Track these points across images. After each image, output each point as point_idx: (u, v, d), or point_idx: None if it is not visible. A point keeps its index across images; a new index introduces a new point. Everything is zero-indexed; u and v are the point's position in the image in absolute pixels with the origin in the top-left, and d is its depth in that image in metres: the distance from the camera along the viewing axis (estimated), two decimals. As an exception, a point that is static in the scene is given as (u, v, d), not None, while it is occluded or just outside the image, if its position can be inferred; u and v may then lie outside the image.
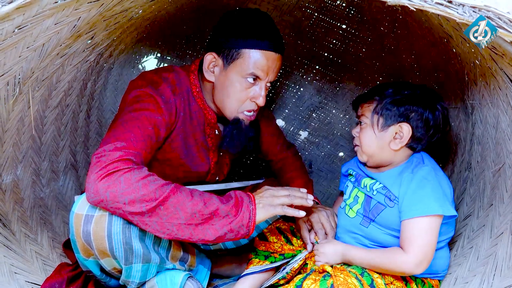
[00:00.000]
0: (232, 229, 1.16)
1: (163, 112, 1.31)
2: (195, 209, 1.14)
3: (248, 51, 1.33)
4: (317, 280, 1.14)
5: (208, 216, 1.15)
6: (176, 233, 1.14)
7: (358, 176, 1.42)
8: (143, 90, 1.32)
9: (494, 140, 1.29)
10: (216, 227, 1.16)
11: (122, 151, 1.15)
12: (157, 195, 1.11)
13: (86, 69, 1.51)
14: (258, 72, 1.34)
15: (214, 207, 1.16)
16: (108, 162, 1.11)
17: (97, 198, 1.10)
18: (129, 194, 1.09)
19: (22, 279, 1.25)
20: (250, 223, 1.18)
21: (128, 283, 1.27)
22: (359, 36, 1.99)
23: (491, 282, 1.14)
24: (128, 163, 1.13)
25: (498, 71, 1.11)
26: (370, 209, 1.31)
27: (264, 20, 1.37)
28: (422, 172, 1.25)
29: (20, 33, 0.97)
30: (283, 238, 1.49)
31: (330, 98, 2.17)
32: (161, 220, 1.12)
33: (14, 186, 1.35)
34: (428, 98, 1.29)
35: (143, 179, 1.11)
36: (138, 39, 1.75)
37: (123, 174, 1.10)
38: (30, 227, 1.42)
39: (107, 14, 1.21)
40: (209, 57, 1.38)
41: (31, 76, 1.19)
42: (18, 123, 1.28)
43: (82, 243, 1.17)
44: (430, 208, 1.19)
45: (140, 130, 1.23)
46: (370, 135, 1.32)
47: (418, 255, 1.18)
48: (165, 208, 1.12)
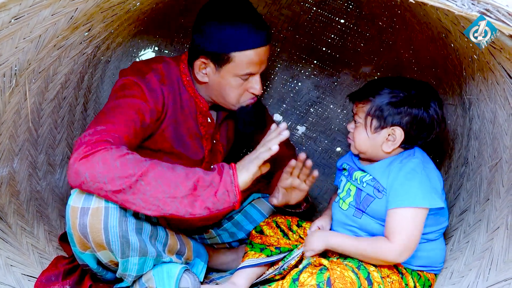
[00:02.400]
0: (218, 198, 1.16)
1: (147, 99, 1.31)
2: (177, 181, 1.13)
3: (239, 53, 1.31)
4: (314, 273, 1.15)
5: (192, 187, 1.14)
6: (162, 208, 1.13)
7: (351, 170, 1.42)
8: (128, 78, 1.33)
9: (491, 135, 1.29)
10: (202, 198, 1.15)
11: (100, 134, 1.15)
12: (136, 170, 1.10)
13: (83, 61, 1.50)
14: (252, 69, 1.35)
15: (196, 177, 1.15)
16: (86, 144, 1.11)
17: (78, 180, 1.10)
18: (107, 172, 1.08)
19: (18, 272, 1.24)
20: (233, 187, 1.17)
21: (124, 276, 1.27)
22: (358, 31, 1.99)
23: (487, 277, 1.14)
24: (105, 144, 1.13)
25: (496, 65, 1.11)
26: (361, 201, 1.32)
27: (245, 11, 1.33)
28: (410, 164, 1.26)
29: (17, 24, 0.97)
30: (280, 231, 1.49)
31: (328, 93, 2.16)
32: (145, 196, 1.11)
33: (10, 179, 1.35)
34: (423, 98, 1.27)
35: (121, 157, 1.10)
36: (136, 32, 1.74)
37: (100, 154, 1.10)
38: (26, 220, 1.42)
39: (105, 5, 1.21)
40: (199, 63, 1.37)
41: (27, 67, 1.18)
42: (15, 116, 1.28)
43: (78, 236, 1.17)
44: (416, 200, 1.20)
45: (122, 115, 1.23)
46: (363, 135, 1.32)
47: (401, 244, 1.20)
48: (146, 183, 1.11)
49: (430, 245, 1.30)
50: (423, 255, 1.29)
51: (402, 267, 1.27)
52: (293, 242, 1.46)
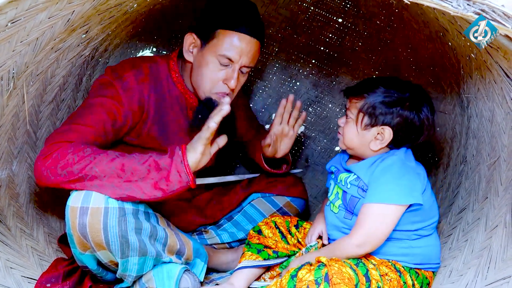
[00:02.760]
0: (171, 179, 1.20)
1: (121, 100, 1.35)
2: (130, 166, 1.19)
3: (223, 32, 1.35)
4: (312, 270, 1.15)
5: (145, 171, 1.19)
6: (118, 190, 1.18)
7: (337, 172, 1.44)
8: (105, 77, 1.37)
9: (489, 134, 1.29)
10: (155, 180, 1.19)
11: (64, 134, 1.23)
12: (91, 159, 1.17)
13: (81, 63, 1.50)
14: (231, 53, 1.35)
15: (148, 161, 1.20)
16: (49, 143, 1.21)
17: (41, 177, 1.19)
18: (66, 166, 1.16)
19: (18, 274, 1.25)
20: (183, 167, 1.20)
21: (124, 276, 1.28)
22: (355, 30, 1.99)
23: (486, 275, 1.14)
24: (66, 143, 1.21)
25: (493, 64, 1.11)
26: (347, 203, 1.33)
27: (246, 5, 1.40)
28: (388, 161, 1.28)
29: (13, 27, 0.97)
30: (278, 233, 1.49)
31: (326, 92, 2.16)
32: (101, 181, 1.17)
33: (9, 182, 1.35)
34: (416, 102, 1.27)
35: (79, 151, 1.18)
36: (133, 34, 1.74)
37: (59, 150, 1.18)
38: (26, 223, 1.42)
39: (102, 8, 1.21)
40: (189, 38, 1.42)
41: (25, 70, 1.18)
42: (13, 118, 1.28)
43: (78, 236, 1.17)
44: (384, 196, 1.22)
45: (91, 115, 1.29)
46: (353, 131, 1.33)
47: (359, 237, 1.23)
48: (101, 170, 1.17)
49: (423, 241, 1.30)
50: (418, 252, 1.29)
51: (400, 265, 1.28)
52: (290, 247, 1.46)
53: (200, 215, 1.70)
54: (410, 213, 1.25)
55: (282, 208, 1.74)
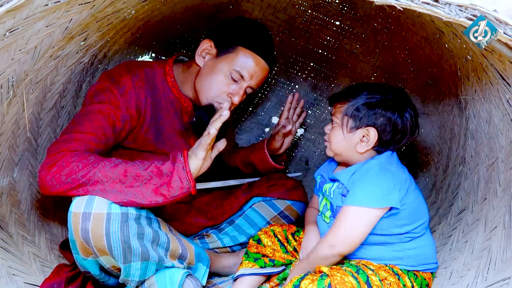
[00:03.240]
0: (172, 185, 1.21)
1: (119, 105, 1.36)
2: (133, 171, 1.20)
3: (244, 50, 1.42)
4: (315, 280, 1.15)
5: (147, 177, 1.21)
6: (120, 195, 1.19)
7: (322, 183, 1.45)
8: (101, 83, 1.38)
9: (487, 135, 1.30)
10: (157, 185, 1.21)
11: (66, 143, 1.24)
12: (94, 165, 1.19)
13: (80, 70, 1.51)
14: (244, 72, 1.42)
15: (151, 167, 1.23)
16: (52, 152, 1.22)
17: (46, 186, 1.19)
18: (70, 173, 1.17)
19: (20, 281, 1.25)
20: (185, 173, 1.22)
21: (127, 282, 1.28)
22: (353, 33, 1.99)
23: (486, 276, 1.14)
24: (69, 152, 1.22)
25: (489, 66, 1.12)
26: (335, 213, 1.33)
27: (267, 35, 1.51)
28: (366, 166, 1.30)
29: (12, 36, 0.98)
30: (277, 241, 1.50)
31: (325, 94, 2.17)
32: (103, 186, 1.18)
33: (11, 189, 1.36)
34: (399, 103, 1.30)
35: (82, 159, 1.20)
36: (132, 40, 1.75)
37: (64, 160, 1.19)
38: (27, 229, 1.42)
39: (99, 15, 1.22)
40: (206, 44, 1.47)
41: (24, 78, 1.19)
42: (14, 126, 1.29)
43: (80, 241, 1.18)
44: (360, 200, 1.23)
45: (91, 122, 1.30)
46: (339, 135, 1.34)
47: (332, 238, 1.25)
48: (103, 175, 1.18)
49: (416, 242, 1.31)
50: (412, 253, 1.30)
51: (397, 269, 1.28)
52: (287, 256, 1.47)
53: (201, 216, 1.71)
54: (393, 217, 1.26)
55: (283, 212, 1.74)
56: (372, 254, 1.29)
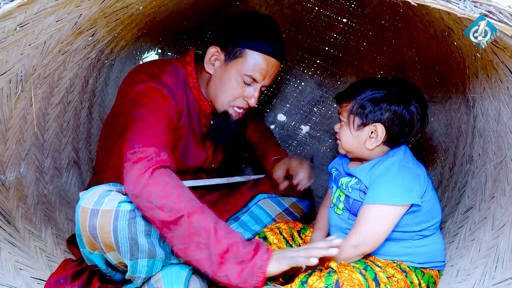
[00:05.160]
0: (241, 274, 1.12)
1: (171, 102, 1.35)
2: (216, 233, 1.13)
3: (251, 52, 1.38)
4: (322, 276, 1.16)
5: (225, 248, 1.13)
6: (190, 251, 1.15)
7: (338, 176, 1.45)
8: (146, 84, 1.35)
9: (495, 133, 1.29)
10: (228, 264, 1.13)
11: (154, 147, 1.20)
12: (187, 206, 1.14)
13: (87, 66, 1.51)
14: (256, 75, 1.39)
15: (233, 240, 1.14)
16: (146, 157, 1.17)
17: (135, 192, 1.15)
18: (163, 198, 1.13)
19: (27, 275, 1.26)
20: (260, 273, 1.13)
21: (134, 278, 1.28)
22: (360, 30, 1.99)
23: (493, 274, 1.14)
24: (164, 161, 1.18)
25: (499, 64, 1.11)
26: (350, 206, 1.34)
27: (272, 27, 1.44)
28: (386, 163, 1.29)
29: (22, 31, 0.97)
30: (283, 239, 1.50)
31: (331, 92, 2.16)
32: (183, 234, 1.14)
33: (17, 184, 1.36)
34: (403, 96, 1.29)
35: (178, 187, 1.16)
36: (139, 35, 1.75)
37: (162, 175, 1.15)
38: (34, 224, 1.43)
39: (108, 10, 1.21)
40: (213, 50, 1.43)
41: (33, 73, 1.19)
42: (21, 121, 1.29)
43: (87, 236, 1.18)
44: (382, 197, 1.23)
45: (159, 124, 1.28)
46: (348, 134, 1.34)
47: (356, 238, 1.24)
48: (189, 223, 1.13)
49: (426, 240, 1.31)
50: (422, 251, 1.30)
51: (405, 265, 1.28)
52: None
53: None
54: (411, 214, 1.26)
55: (288, 209, 1.74)
56: (382, 249, 1.29)
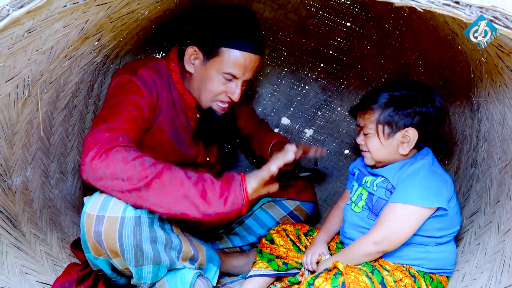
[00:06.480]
0: (226, 204, 1.19)
1: (143, 93, 1.36)
2: (189, 182, 1.17)
3: (227, 50, 1.37)
4: (329, 278, 1.15)
5: (201, 189, 1.18)
6: (173, 206, 1.16)
7: (360, 175, 1.45)
8: (122, 76, 1.39)
9: (500, 137, 1.29)
10: (211, 200, 1.18)
11: (110, 132, 1.20)
12: (152, 169, 1.15)
13: (92, 70, 1.52)
14: (235, 72, 1.39)
15: (206, 180, 1.20)
16: (100, 142, 1.17)
17: (96, 176, 1.14)
18: (126, 170, 1.14)
19: (33, 279, 1.26)
20: (242, 191, 1.21)
21: (140, 284, 1.29)
22: (364, 34, 1.99)
23: (499, 279, 1.14)
24: (120, 142, 1.18)
25: (504, 68, 1.11)
26: (373, 205, 1.33)
27: (248, 20, 1.41)
28: (417, 165, 1.29)
29: (30, 37, 0.98)
30: (290, 240, 1.50)
31: (335, 96, 2.17)
32: (159, 194, 1.15)
33: (23, 188, 1.36)
34: (425, 95, 1.30)
35: (138, 157, 1.16)
36: (143, 40, 1.76)
37: (119, 152, 1.15)
38: (39, 228, 1.43)
39: (114, 16, 1.22)
40: (191, 50, 1.44)
41: (39, 78, 1.20)
42: (27, 125, 1.29)
43: (93, 242, 1.18)
44: (410, 197, 1.23)
45: (125, 112, 1.29)
46: (377, 144, 1.34)
47: (379, 234, 1.24)
48: (161, 182, 1.15)
49: (441, 247, 1.31)
50: (434, 257, 1.30)
51: (414, 270, 1.28)
52: (301, 256, 1.47)
53: None
54: (436, 219, 1.26)
55: (292, 212, 1.74)
56: (397, 252, 1.29)
